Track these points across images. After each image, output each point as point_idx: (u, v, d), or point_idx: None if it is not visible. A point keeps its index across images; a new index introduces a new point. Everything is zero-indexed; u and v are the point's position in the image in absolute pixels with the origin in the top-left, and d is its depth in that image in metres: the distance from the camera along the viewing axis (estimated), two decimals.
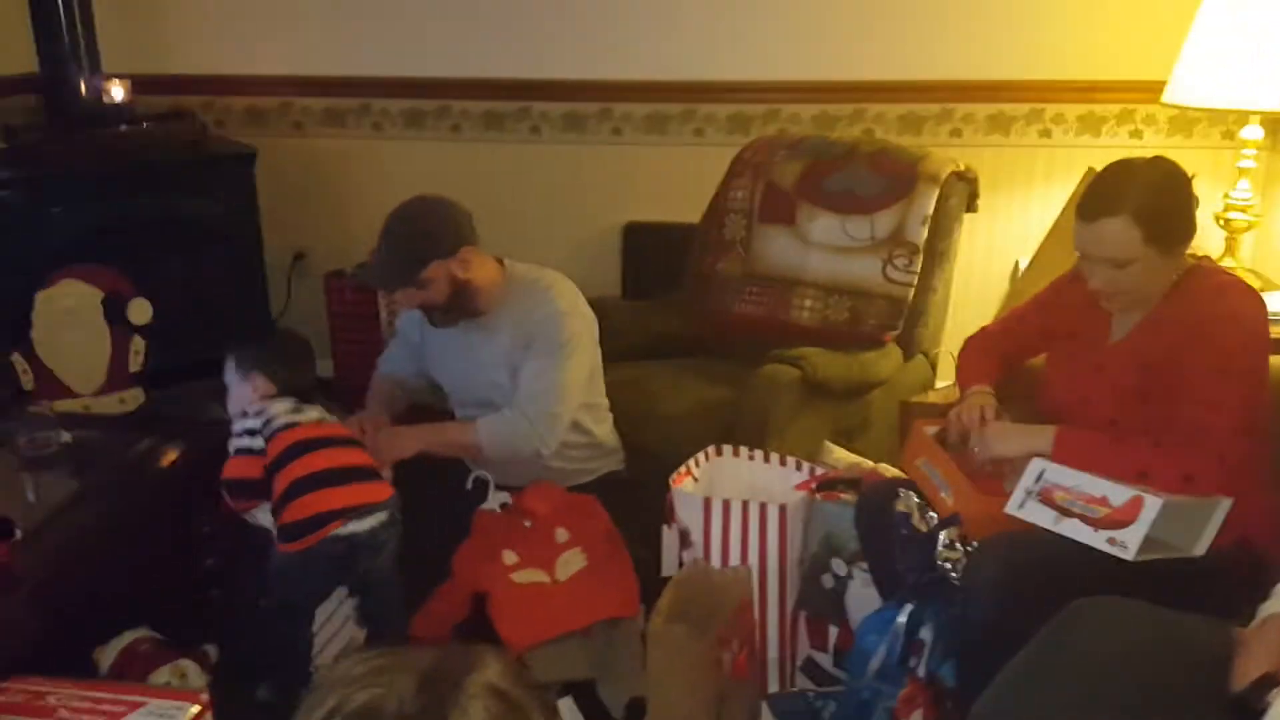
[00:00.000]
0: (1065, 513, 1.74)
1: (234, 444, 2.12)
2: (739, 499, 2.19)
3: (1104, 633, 1.52)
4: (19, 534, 1.87)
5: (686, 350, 3.05)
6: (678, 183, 3.44)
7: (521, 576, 2.20)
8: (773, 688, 2.23)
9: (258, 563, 2.14)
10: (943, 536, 1.90)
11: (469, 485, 2.36)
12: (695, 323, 3.08)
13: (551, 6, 3.42)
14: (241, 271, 3.32)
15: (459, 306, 2.34)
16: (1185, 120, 3.10)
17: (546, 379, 2.31)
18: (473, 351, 2.41)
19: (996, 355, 2.22)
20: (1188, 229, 1.89)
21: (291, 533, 2.05)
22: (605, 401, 2.51)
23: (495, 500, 2.36)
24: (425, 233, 2.28)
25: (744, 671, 2.04)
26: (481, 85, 3.52)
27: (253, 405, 2.12)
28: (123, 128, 3.21)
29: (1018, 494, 1.80)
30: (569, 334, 2.33)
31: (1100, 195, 1.88)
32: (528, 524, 2.30)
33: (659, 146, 3.48)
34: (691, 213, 3.17)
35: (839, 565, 2.17)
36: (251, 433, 2.09)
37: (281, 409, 2.10)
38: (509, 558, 2.22)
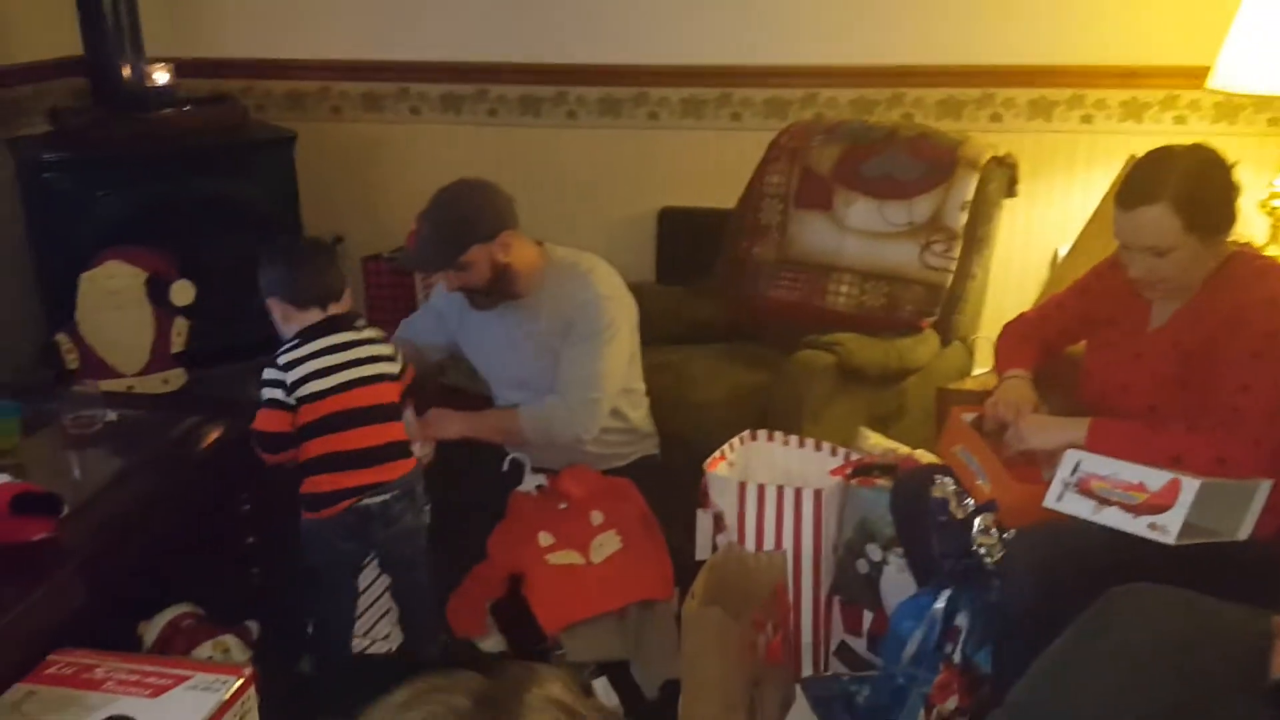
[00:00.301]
0: (1104, 502, 1.73)
1: (263, 393, 2.07)
2: (774, 484, 2.19)
3: (1141, 621, 1.52)
4: (66, 510, 1.90)
5: (721, 336, 3.05)
6: (713, 167, 3.43)
7: (557, 558, 2.21)
8: (806, 672, 2.24)
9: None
10: (979, 522, 1.90)
11: (505, 467, 2.38)
12: (730, 308, 3.08)
13: None
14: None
15: (499, 289, 2.35)
16: (1230, 106, 3.04)
17: (587, 365, 2.32)
18: (510, 334, 2.42)
19: (1035, 341, 2.20)
20: (1228, 217, 1.86)
21: (309, 503, 2.09)
22: (642, 387, 2.52)
23: (531, 482, 2.38)
24: (465, 217, 2.29)
25: (778, 655, 2.05)
26: (518, 70, 3.53)
27: (287, 340, 2.08)
28: (165, 111, 3.24)
29: (1055, 486, 1.79)
30: (609, 319, 2.34)
31: (1139, 183, 1.86)
32: (563, 506, 2.31)
33: (695, 131, 3.48)
34: (727, 198, 3.17)
35: (874, 551, 2.17)
36: (277, 384, 2.05)
37: (307, 367, 2.03)
38: (544, 539, 2.24)
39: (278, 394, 2.05)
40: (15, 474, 1.96)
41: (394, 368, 2.14)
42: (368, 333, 2.14)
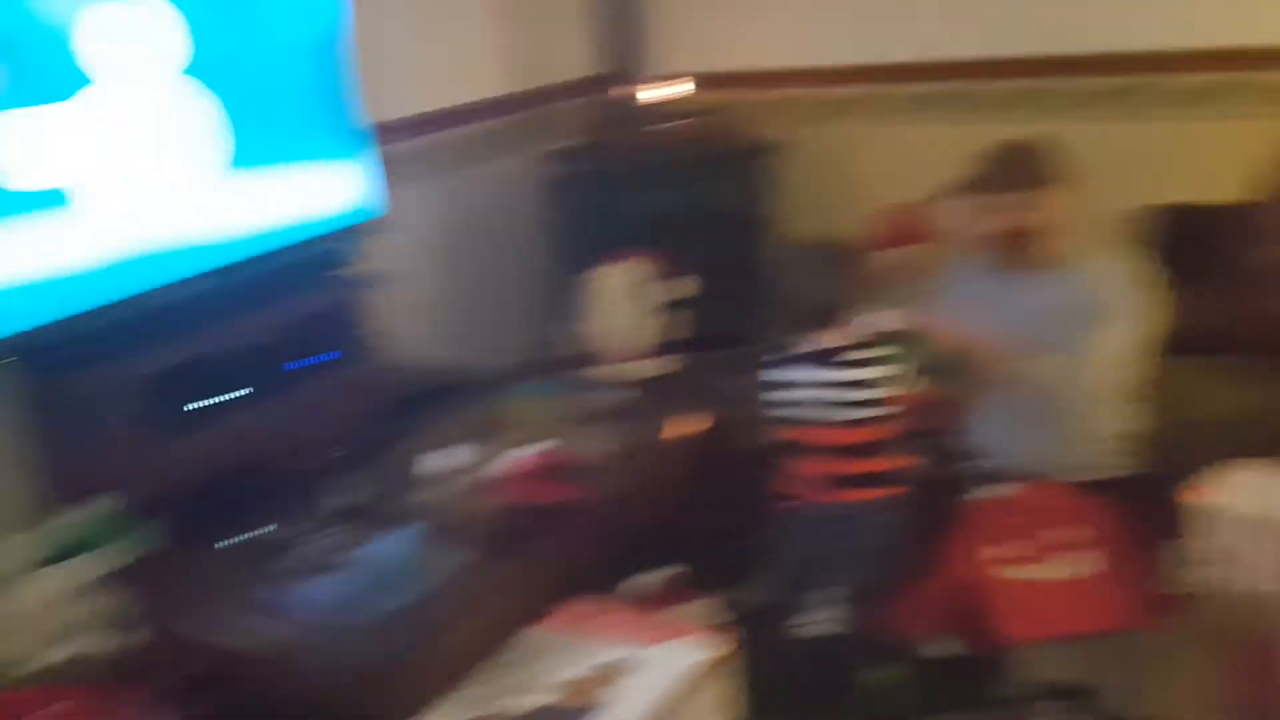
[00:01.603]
0: None
1: None
2: (1273, 520, 2.00)
3: None
4: (587, 477, 2.22)
5: (1221, 349, 2.80)
6: (1220, 160, 3.12)
7: (1018, 572, 2.19)
8: None
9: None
10: None
11: (963, 473, 2.39)
12: (1237, 319, 2.81)
13: None
14: (764, 254, 3.58)
15: (1039, 246, 2.38)
16: None
17: (1101, 344, 2.30)
18: (1015, 304, 2.41)
19: None
20: None
21: None
22: (1133, 397, 2.42)
23: (994, 491, 2.37)
24: (1050, 160, 2.38)
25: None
26: (996, 65, 3.44)
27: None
28: (669, 124, 3.59)
29: None
30: (1135, 312, 2.32)
31: None
32: (1027, 519, 2.28)
33: (1197, 122, 3.20)
34: (1236, 193, 2.88)
35: None
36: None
37: (765, 395, 2.06)
38: (1005, 551, 2.22)
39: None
40: (551, 443, 2.33)
41: (871, 411, 2.00)
42: (858, 372, 1.98)
